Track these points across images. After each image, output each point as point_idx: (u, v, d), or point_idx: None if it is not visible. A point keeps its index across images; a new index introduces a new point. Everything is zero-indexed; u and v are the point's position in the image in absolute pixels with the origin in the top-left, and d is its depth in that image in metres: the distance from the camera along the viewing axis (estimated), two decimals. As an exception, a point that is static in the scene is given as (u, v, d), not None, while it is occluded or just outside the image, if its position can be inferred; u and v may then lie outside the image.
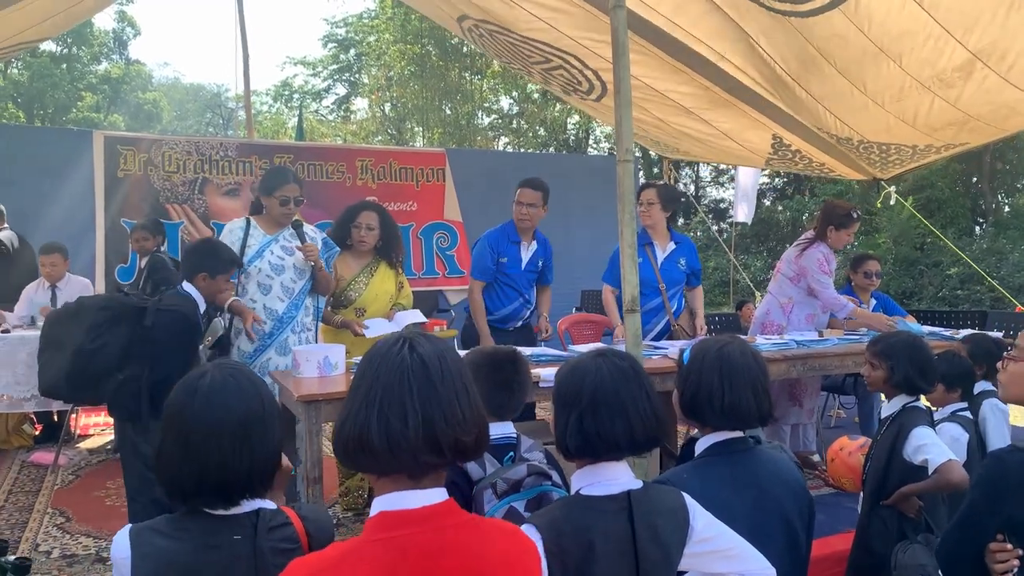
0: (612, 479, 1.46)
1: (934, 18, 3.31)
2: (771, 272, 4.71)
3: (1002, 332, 4.60)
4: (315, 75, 24.83)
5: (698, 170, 22.91)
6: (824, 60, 3.84)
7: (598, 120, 17.81)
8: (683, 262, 4.25)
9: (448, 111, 19.59)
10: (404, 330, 3.73)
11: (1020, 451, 1.69)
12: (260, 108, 26.44)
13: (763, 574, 1.50)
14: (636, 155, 14.44)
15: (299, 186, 3.61)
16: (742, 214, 11.37)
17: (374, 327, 3.70)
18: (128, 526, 1.32)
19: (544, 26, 4.56)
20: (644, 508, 1.42)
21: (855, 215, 4.51)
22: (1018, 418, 4.47)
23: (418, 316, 3.83)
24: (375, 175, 8.03)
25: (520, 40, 4.88)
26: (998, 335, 3.91)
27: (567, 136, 21.55)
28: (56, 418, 5.44)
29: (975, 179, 17.55)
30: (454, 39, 17.66)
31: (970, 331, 4.22)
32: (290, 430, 3.34)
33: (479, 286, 4.19)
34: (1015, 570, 1.64)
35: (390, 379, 1.15)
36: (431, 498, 1.15)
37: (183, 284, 3.18)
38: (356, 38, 23.24)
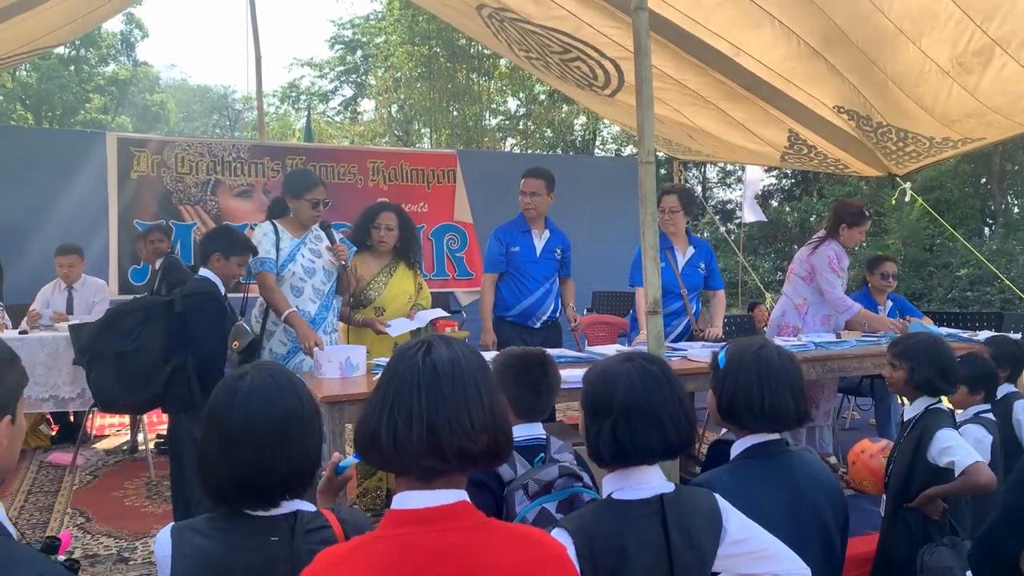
0: (644, 483, 1.46)
1: (954, 1, 3.32)
2: (779, 273, 4.70)
3: (1019, 334, 4.58)
4: (322, 76, 24.85)
5: (705, 171, 22.86)
6: (846, 36, 3.84)
7: (606, 121, 17.80)
8: (702, 265, 4.26)
9: (455, 112, 19.59)
10: (427, 326, 3.80)
11: None
12: (267, 110, 26.47)
13: (798, 574, 1.49)
14: (655, 159, 14.34)
15: (325, 187, 3.67)
16: (750, 215, 11.33)
17: (396, 326, 3.73)
18: (170, 524, 1.33)
19: (564, 13, 4.57)
20: (677, 512, 1.42)
21: (867, 213, 4.52)
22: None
23: (439, 313, 3.87)
24: (386, 176, 8.04)
25: (539, 29, 4.89)
26: (1016, 336, 3.90)
27: (574, 138, 21.53)
28: (72, 419, 5.46)
29: (984, 180, 17.49)
30: (462, 40, 17.65)
31: (989, 333, 4.20)
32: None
33: (490, 279, 4.25)
34: None
35: (402, 382, 1.15)
36: (439, 499, 1.14)
37: (200, 270, 3.28)
38: (363, 40, 23.26)
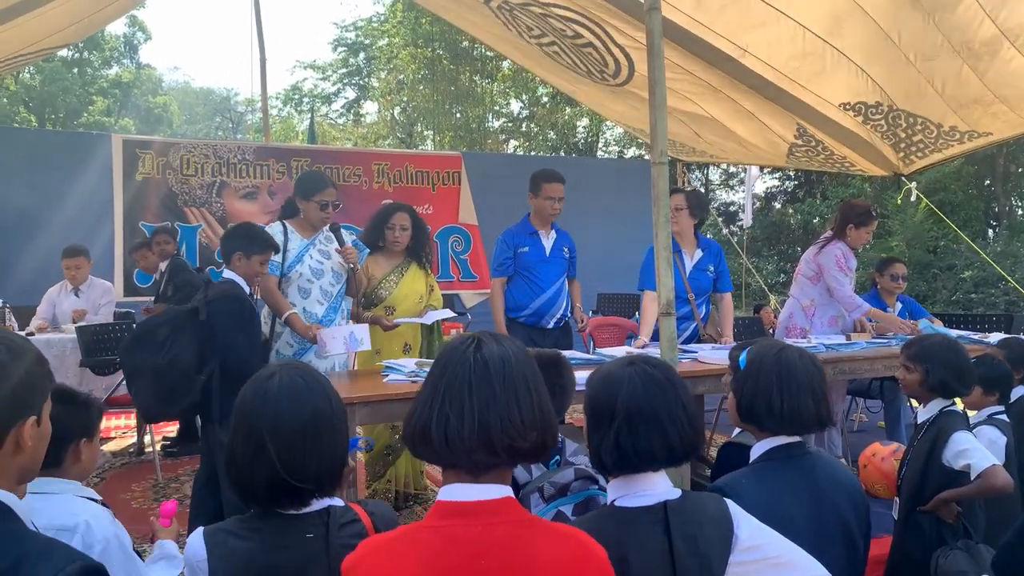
0: (648, 490, 1.43)
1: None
2: (782, 275, 4.69)
3: (1031, 335, 4.56)
4: (325, 79, 24.89)
5: (708, 173, 22.86)
6: (858, 7, 3.83)
7: (609, 123, 17.80)
8: (711, 268, 4.22)
9: (458, 114, 19.60)
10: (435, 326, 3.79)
11: None
12: (270, 112, 26.50)
13: None
14: (644, 157, 14.42)
15: (335, 189, 3.66)
16: (746, 217, 11.30)
17: (402, 321, 3.75)
18: (200, 528, 1.32)
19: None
20: (681, 519, 1.39)
21: (874, 213, 4.51)
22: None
23: (448, 314, 3.87)
24: (391, 178, 8.05)
25: (549, 13, 4.88)
26: (1027, 338, 3.88)
27: (577, 140, 21.53)
28: (78, 421, 5.45)
29: (988, 182, 17.46)
30: (465, 42, 17.67)
31: (999, 335, 4.18)
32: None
33: (498, 283, 4.24)
34: None
35: (453, 378, 1.18)
36: (487, 494, 1.16)
37: (223, 272, 3.25)
38: (366, 42, 23.29)
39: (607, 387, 1.47)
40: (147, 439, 5.09)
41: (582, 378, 2.73)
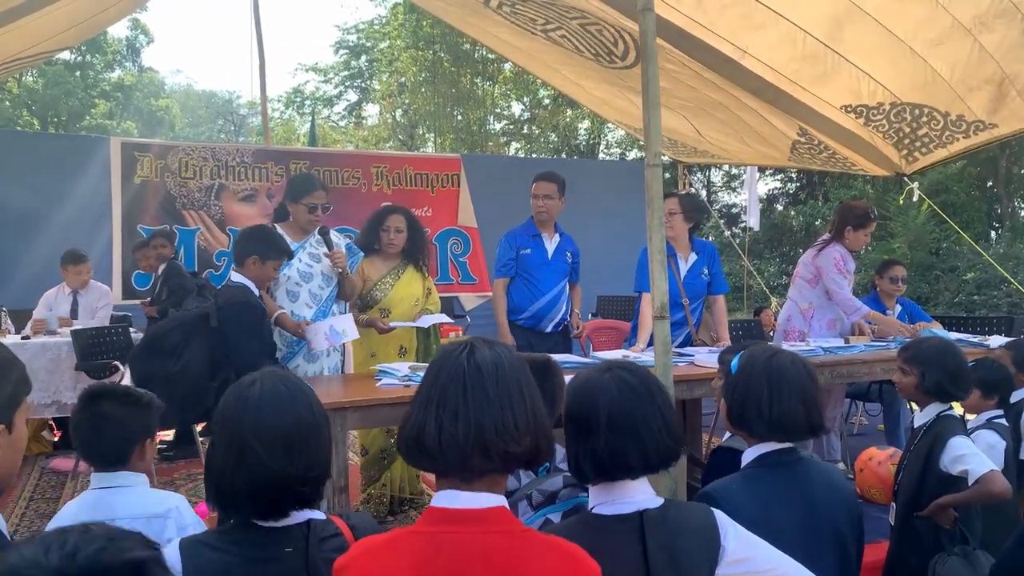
0: (626, 498, 1.39)
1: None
2: (784, 277, 4.65)
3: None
4: (327, 81, 24.93)
5: (709, 175, 22.82)
6: (858, 8, 3.81)
7: (611, 125, 17.73)
8: (706, 271, 4.17)
9: (459, 117, 19.58)
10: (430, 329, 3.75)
11: None
12: (272, 114, 26.52)
13: None
14: (662, 162, 14.22)
15: (325, 192, 3.64)
16: (753, 219, 11.24)
17: (397, 324, 3.73)
18: (177, 539, 1.30)
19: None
20: (659, 529, 1.35)
21: (872, 215, 4.49)
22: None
23: (443, 319, 3.84)
24: (390, 181, 8.03)
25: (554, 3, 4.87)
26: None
27: (578, 142, 21.50)
28: (75, 424, 5.44)
29: (990, 183, 17.41)
30: (466, 44, 17.65)
31: (1000, 338, 4.15)
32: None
33: (500, 284, 4.24)
34: None
35: (447, 383, 1.17)
36: (480, 501, 1.15)
37: (232, 275, 3.22)
38: (368, 44, 23.31)
39: (583, 394, 1.44)
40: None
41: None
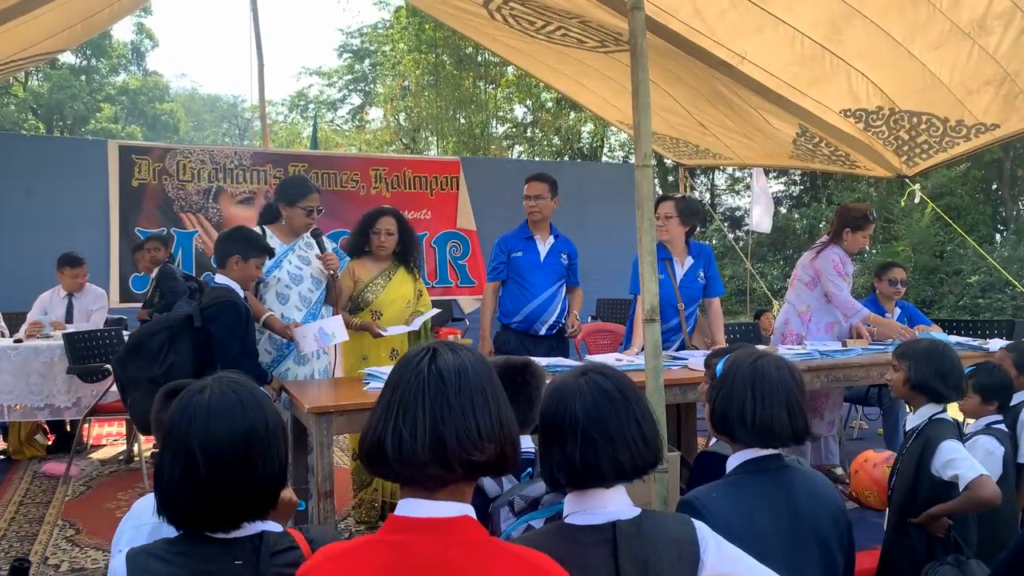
0: (599, 507, 1.34)
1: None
2: (788, 280, 4.60)
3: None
4: (330, 85, 24.96)
5: (713, 177, 22.76)
6: (856, 12, 3.77)
7: (613, 128, 17.71)
8: (702, 274, 4.13)
9: (462, 120, 19.55)
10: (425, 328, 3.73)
11: None
12: (276, 118, 26.60)
13: None
14: (652, 163, 14.22)
15: (320, 195, 3.64)
16: (758, 222, 11.18)
17: (393, 331, 3.70)
18: (125, 549, 1.26)
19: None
20: (632, 540, 1.30)
21: (871, 216, 4.43)
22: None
23: (435, 312, 3.85)
24: (389, 184, 8.00)
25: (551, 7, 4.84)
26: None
27: (581, 145, 21.46)
28: (69, 428, 5.42)
29: (995, 186, 17.32)
30: (469, 48, 17.63)
31: (1000, 341, 4.10)
32: (302, 442, 3.30)
33: (491, 287, 4.21)
34: None
35: (407, 390, 1.13)
36: (443, 511, 1.11)
37: (215, 277, 3.20)
38: (371, 48, 23.32)
39: (557, 399, 1.39)
40: (136, 447, 5.04)
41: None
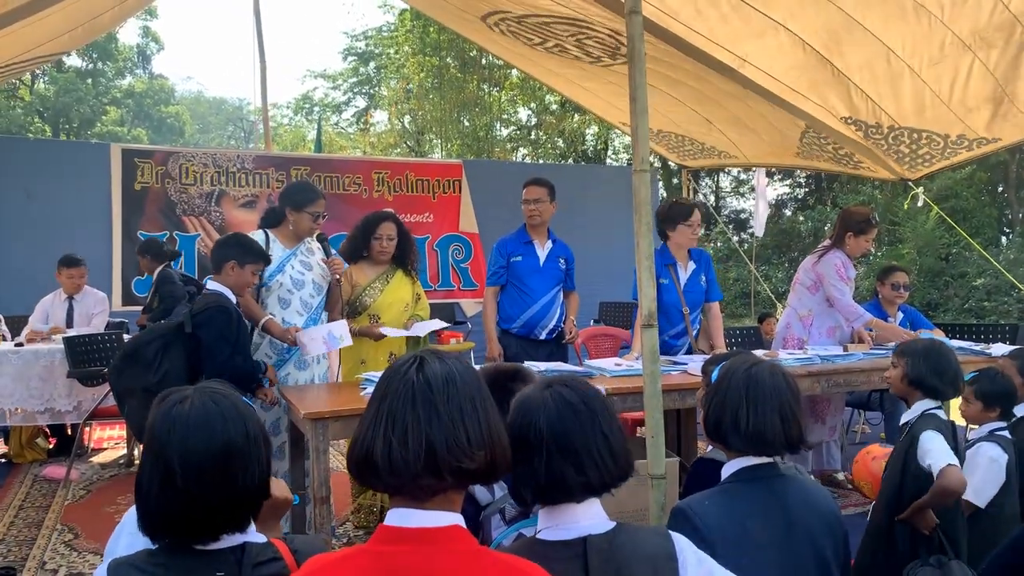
0: (570, 522, 1.31)
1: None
2: (792, 284, 4.57)
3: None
4: (335, 88, 24.99)
5: (718, 180, 22.71)
6: (857, 23, 3.75)
7: (617, 131, 17.70)
8: (703, 278, 4.13)
9: (466, 123, 19.57)
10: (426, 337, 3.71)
11: None
12: (280, 121, 26.67)
13: None
14: (655, 166, 14.19)
15: (325, 200, 3.65)
16: (759, 226, 11.14)
17: (392, 333, 3.69)
18: (108, 560, 1.25)
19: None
20: (605, 556, 1.27)
21: (873, 220, 4.41)
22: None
23: (438, 325, 3.81)
24: (391, 187, 8.00)
25: (548, 17, 4.83)
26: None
27: (585, 148, 21.44)
28: (70, 431, 5.42)
29: (1001, 188, 17.23)
30: (472, 51, 17.64)
31: (1003, 346, 4.07)
32: (299, 448, 3.29)
33: (491, 292, 4.22)
34: None
35: (395, 399, 1.13)
36: (433, 520, 1.11)
37: (208, 282, 3.20)
38: (376, 51, 23.35)
39: (522, 412, 1.36)
40: (137, 451, 5.05)
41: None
